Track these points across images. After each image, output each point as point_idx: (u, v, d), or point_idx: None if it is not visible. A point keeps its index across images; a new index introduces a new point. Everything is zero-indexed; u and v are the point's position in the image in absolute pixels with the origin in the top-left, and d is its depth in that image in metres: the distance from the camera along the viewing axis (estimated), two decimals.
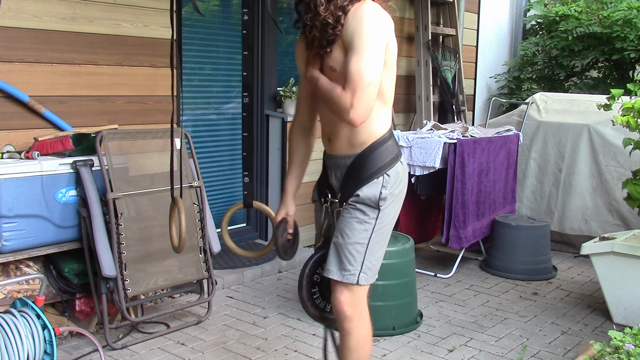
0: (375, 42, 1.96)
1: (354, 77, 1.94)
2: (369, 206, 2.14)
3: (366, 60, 1.94)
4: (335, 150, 2.23)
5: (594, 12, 6.52)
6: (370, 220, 2.14)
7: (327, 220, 2.28)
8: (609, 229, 4.75)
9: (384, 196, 2.14)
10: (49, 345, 2.59)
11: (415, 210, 4.81)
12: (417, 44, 5.66)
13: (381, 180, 2.14)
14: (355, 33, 1.96)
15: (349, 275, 2.14)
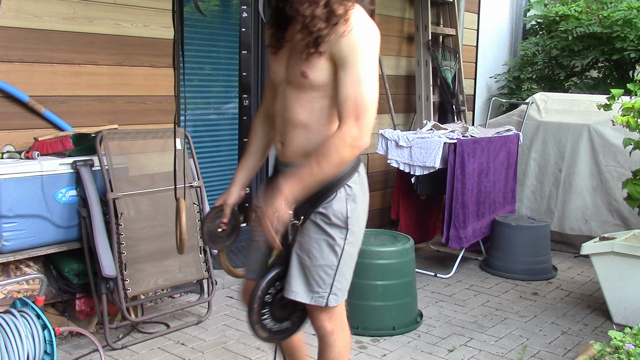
0: (373, 61, 1.88)
1: (358, 103, 1.82)
2: (337, 226, 1.99)
3: (368, 84, 1.84)
4: (288, 158, 2.03)
5: (594, 12, 6.52)
6: (339, 242, 2.00)
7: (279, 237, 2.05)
8: (609, 229, 4.74)
9: (350, 214, 1.99)
10: (49, 345, 2.59)
11: (415, 210, 4.81)
12: (417, 44, 5.65)
13: (344, 194, 1.99)
14: (354, 50, 1.83)
15: (318, 297, 2.03)
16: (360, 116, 1.82)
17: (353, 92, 1.82)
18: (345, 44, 1.83)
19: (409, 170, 4.42)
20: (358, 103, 1.82)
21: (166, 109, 3.87)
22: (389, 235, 3.71)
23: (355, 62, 1.83)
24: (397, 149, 4.44)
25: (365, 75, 1.84)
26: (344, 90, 1.83)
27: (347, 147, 1.82)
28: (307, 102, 1.93)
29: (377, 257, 3.38)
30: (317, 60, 1.86)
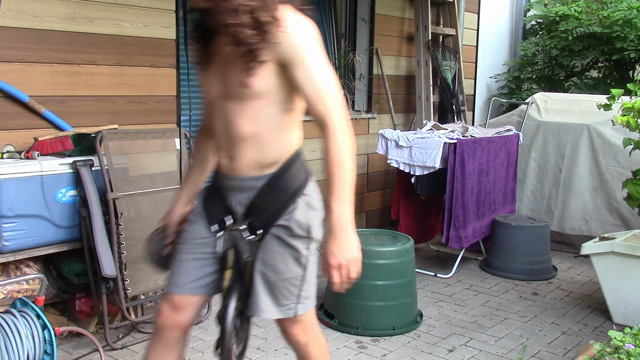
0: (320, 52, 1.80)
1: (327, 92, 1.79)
2: (301, 237, 1.92)
3: (325, 73, 1.79)
4: (239, 172, 1.90)
5: (594, 12, 6.52)
6: (304, 253, 1.94)
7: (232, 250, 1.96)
8: (609, 229, 4.75)
9: (311, 222, 1.93)
10: (49, 345, 2.59)
11: (415, 210, 4.81)
12: (417, 44, 5.66)
13: (303, 202, 1.92)
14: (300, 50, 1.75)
15: (286, 310, 1.96)
16: (335, 103, 1.80)
17: (318, 85, 1.78)
18: (289, 47, 1.75)
19: (409, 170, 4.42)
20: (327, 92, 1.79)
21: (166, 109, 3.87)
22: (389, 235, 3.71)
23: (306, 59, 1.76)
24: (397, 149, 4.44)
25: (319, 67, 1.78)
26: (307, 87, 1.78)
27: (349, 137, 1.81)
28: (252, 112, 1.82)
29: (377, 257, 3.39)
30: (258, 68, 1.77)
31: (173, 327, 2.03)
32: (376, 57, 5.46)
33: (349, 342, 3.32)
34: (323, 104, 1.79)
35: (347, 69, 5.28)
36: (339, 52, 5.32)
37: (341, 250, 1.79)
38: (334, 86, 1.81)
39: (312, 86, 1.78)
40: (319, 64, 1.79)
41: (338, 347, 3.26)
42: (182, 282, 2.00)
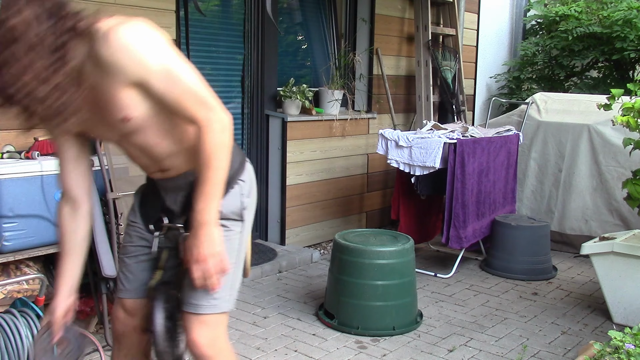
0: (164, 54, 1.64)
1: (191, 93, 1.66)
2: (233, 220, 1.89)
3: (181, 76, 1.65)
4: (172, 173, 1.86)
5: (594, 12, 6.52)
6: (236, 235, 1.91)
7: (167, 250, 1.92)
8: (609, 229, 4.74)
9: (246, 205, 1.91)
10: None
11: (415, 210, 4.81)
12: (417, 44, 5.66)
13: (238, 188, 1.89)
14: (138, 61, 1.58)
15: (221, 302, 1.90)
16: (203, 102, 1.69)
17: (177, 92, 1.65)
18: (129, 69, 1.58)
19: (409, 170, 4.42)
20: (190, 96, 1.67)
21: None
22: (389, 235, 3.71)
23: (151, 70, 1.61)
24: (397, 149, 4.44)
25: (174, 68, 1.65)
26: (169, 97, 1.65)
27: (221, 134, 1.70)
28: (157, 133, 1.75)
29: (377, 257, 3.39)
30: (120, 99, 1.63)
31: (131, 332, 2.02)
32: (376, 57, 5.46)
33: (349, 342, 3.32)
34: (190, 107, 1.68)
35: (347, 69, 5.28)
36: (339, 52, 5.32)
37: (200, 245, 1.74)
38: (195, 84, 1.69)
39: (172, 95, 1.66)
40: (170, 69, 1.64)
41: (338, 347, 3.26)
42: (130, 287, 2.00)
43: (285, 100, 4.72)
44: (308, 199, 4.99)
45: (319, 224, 5.14)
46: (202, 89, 1.70)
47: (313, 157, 4.99)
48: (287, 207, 4.79)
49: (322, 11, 5.34)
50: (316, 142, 5.01)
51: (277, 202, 4.79)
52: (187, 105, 1.68)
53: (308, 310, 3.74)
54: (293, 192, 4.84)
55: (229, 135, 1.74)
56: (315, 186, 5.04)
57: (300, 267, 4.59)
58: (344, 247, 3.46)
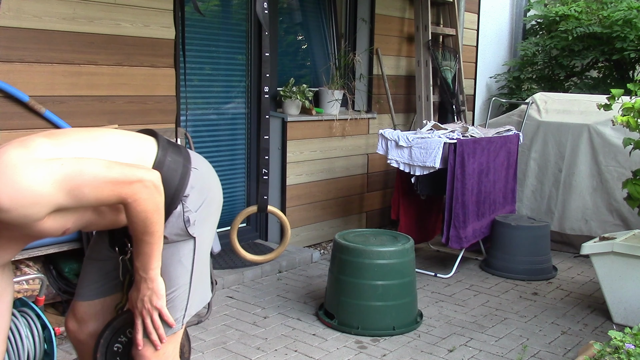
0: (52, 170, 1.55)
1: (102, 190, 1.61)
2: (181, 241, 1.84)
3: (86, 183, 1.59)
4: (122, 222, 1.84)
5: (594, 12, 6.52)
6: (188, 255, 1.85)
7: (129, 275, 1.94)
8: (609, 229, 4.74)
9: (193, 221, 1.84)
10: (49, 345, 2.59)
11: (415, 210, 4.81)
12: (417, 44, 5.66)
13: (180, 208, 1.82)
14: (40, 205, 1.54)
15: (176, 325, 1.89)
16: (119, 183, 1.62)
17: (89, 193, 1.60)
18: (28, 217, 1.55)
19: (409, 170, 4.42)
20: (103, 185, 1.60)
21: (166, 109, 3.87)
22: (389, 235, 3.71)
23: (51, 199, 1.55)
24: (397, 149, 4.44)
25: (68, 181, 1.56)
26: (86, 202, 1.63)
27: (149, 200, 1.66)
28: (95, 216, 1.74)
29: (377, 257, 3.39)
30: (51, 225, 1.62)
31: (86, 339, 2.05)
32: (376, 57, 5.46)
33: (349, 342, 3.32)
34: (111, 197, 1.64)
35: (347, 69, 5.28)
36: (339, 52, 5.32)
37: (142, 298, 1.79)
38: (100, 174, 1.60)
39: (87, 201, 1.62)
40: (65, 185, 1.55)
41: (338, 347, 3.26)
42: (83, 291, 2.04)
43: (285, 100, 4.72)
44: (308, 199, 4.99)
45: (319, 224, 5.14)
46: (111, 172, 1.62)
47: (313, 157, 4.99)
48: (287, 207, 4.79)
49: (322, 11, 5.34)
50: (316, 142, 5.01)
51: (277, 202, 4.79)
52: (107, 197, 1.63)
53: (308, 310, 3.74)
54: (293, 192, 4.84)
55: (160, 195, 1.69)
56: (315, 186, 5.04)
57: (300, 267, 4.59)
58: (344, 247, 3.46)
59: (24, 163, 1.53)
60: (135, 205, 1.65)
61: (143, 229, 1.69)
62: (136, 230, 1.70)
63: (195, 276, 1.89)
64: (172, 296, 1.85)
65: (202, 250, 1.91)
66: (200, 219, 1.88)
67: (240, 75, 4.71)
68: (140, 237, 1.71)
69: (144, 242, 1.72)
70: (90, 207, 1.70)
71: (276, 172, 4.77)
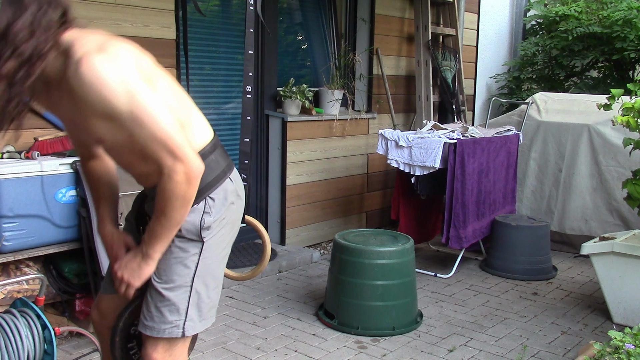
0: (134, 95, 1.56)
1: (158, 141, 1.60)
2: (189, 240, 1.79)
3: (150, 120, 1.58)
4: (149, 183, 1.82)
5: (594, 12, 6.52)
6: (193, 258, 1.80)
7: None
8: (609, 229, 4.74)
9: (208, 225, 1.79)
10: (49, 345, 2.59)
11: (415, 210, 4.81)
12: (417, 44, 5.66)
13: (202, 205, 1.78)
14: (106, 101, 1.54)
15: (172, 328, 1.80)
16: (171, 149, 1.61)
17: (145, 135, 1.60)
18: (96, 103, 1.55)
19: (409, 170, 4.42)
20: (158, 141, 1.60)
21: None
22: (389, 235, 3.71)
23: (118, 111, 1.56)
24: (397, 149, 4.44)
25: (141, 114, 1.58)
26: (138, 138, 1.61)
27: (182, 185, 1.64)
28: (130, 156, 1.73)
29: (377, 257, 3.39)
30: (91, 121, 1.61)
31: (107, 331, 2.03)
32: (376, 57, 5.46)
33: (349, 342, 3.32)
34: (155, 153, 1.63)
35: (347, 69, 5.28)
36: (339, 52, 5.32)
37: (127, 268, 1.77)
38: (164, 130, 1.61)
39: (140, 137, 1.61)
40: (136, 113, 1.58)
41: (338, 347, 3.26)
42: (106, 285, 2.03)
43: (285, 100, 4.72)
44: (308, 199, 4.99)
45: (319, 224, 5.14)
46: (172, 136, 1.61)
47: (313, 157, 4.99)
48: (287, 207, 4.79)
49: (322, 11, 5.34)
50: (316, 142, 5.01)
51: (277, 202, 4.79)
52: (153, 149, 1.62)
53: (308, 310, 3.74)
54: (293, 192, 4.84)
55: (192, 187, 1.66)
56: (315, 186, 5.04)
57: (300, 267, 4.59)
58: (344, 247, 3.46)
59: (122, 62, 1.59)
60: (166, 180, 1.64)
61: (163, 207, 1.67)
62: (157, 204, 1.69)
63: (197, 283, 1.82)
64: (169, 294, 1.80)
65: (208, 262, 1.84)
66: (215, 229, 1.82)
67: (240, 75, 4.70)
68: (158, 214, 1.69)
69: (159, 222, 1.70)
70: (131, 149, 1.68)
71: (276, 172, 4.77)
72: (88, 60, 1.53)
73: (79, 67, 1.52)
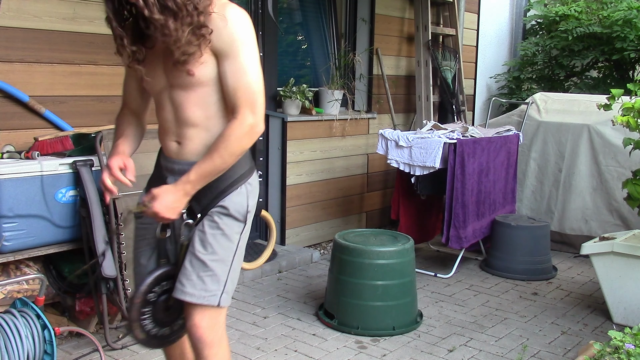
0: (254, 48, 1.88)
1: (249, 91, 1.85)
2: (236, 219, 1.97)
3: (254, 72, 1.87)
4: (186, 156, 1.97)
5: (594, 12, 6.52)
6: (236, 235, 1.98)
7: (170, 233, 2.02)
8: (609, 229, 4.74)
9: (250, 208, 2.00)
10: (49, 345, 2.59)
11: (415, 210, 4.81)
12: (417, 44, 5.66)
13: (244, 190, 1.99)
14: (234, 42, 1.83)
15: (211, 296, 1.94)
16: (253, 104, 1.86)
17: (242, 82, 1.85)
18: (225, 36, 1.83)
19: (409, 170, 4.42)
20: (249, 92, 1.86)
21: None
22: (389, 235, 3.71)
23: (238, 52, 1.84)
24: (397, 149, 4.44)
25: (250, 64, 1.86)
26: (232, 81, 1.86)
27: (247, 135, 1.87)
28: (200, 99, 1.90)
29: (377, 257, 3.39)
30: (200, 57, 1.83)
31: None
32: (376, 57, 5.46)
33: (349, 342, 3.32)
34: (240, 100, 1.86)
35: (347, 69, 5.28)
36: (339, 52, 5.32)
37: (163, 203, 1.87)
38: (257, 85, 1.87)
39: (236, 82, 1.85)
40: (250, 62, 1.86)
41: (338, 347, 3.26)
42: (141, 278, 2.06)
43: (285, 100, 4.72)
44: (308, 199, 4.99)
45: (319, 224, 5.14)
46: (260, 95, 1.87)
47: (313, 157, 4.99)
48: (287, 207, 4.79)
49: (322, 11, 5.34)
50: (316, 142, 5.01)
51: (277, 202, 4.79)
52: (239, 96, 1.85)
53: (308, 310, 3.74)
54: (293, 192, 4.84)
55: (251, 142, 1.89)
56: (315, 186, 5.04)
57: (300, 267, 4.59)
58: (344, 247, 3.47)
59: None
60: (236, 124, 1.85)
61: (222, 149, 1.85)
62: (216, 147, 1.86)
63: (235, 260, 2.00)
64: (214, 265, 1.94)
65: (243, 244, 2.02)
66: (251, 213, 2.02)
67: None
68: (213, 155, 1.86)
69: (212, 161, 1.86)
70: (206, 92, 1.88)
71: (276, 172, 4.77)
72: (232, 6, 1.85)
73: (224, 8, 1.83)
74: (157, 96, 2.00)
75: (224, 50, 1.84)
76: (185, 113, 1.92)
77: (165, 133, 2.01)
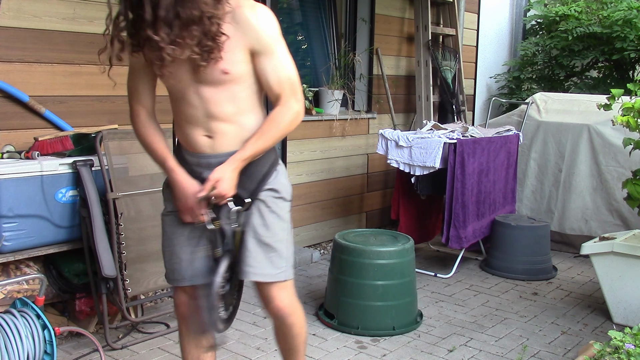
0: (285, 44, 2.03)
1: (292, 81, 2.02)
2: (286, 200, 2.15)
3: (291, 65, 2.03)
4: (222, 148, 2.03)
5: (594, 12, 6.52)
6: (287, 215, 2.17)
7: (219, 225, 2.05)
8: (609, 229, 4.75)
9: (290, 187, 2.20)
10: (49, 345, 2.59)
11: (415, 210, 4.81)
12: (417, 44, 5.66)
13: (282, 170, 2.17)
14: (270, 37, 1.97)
15: (280, 273, 2.12)
16: (296, 92, 2.03)
17: (284, 75, 2.00)
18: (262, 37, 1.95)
19: (409, 170, 4.42)
20: (292, 82, 2.02)
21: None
22: (389, 235, 3.71)
23: (275, 49, 1.99)
24: (397, 149, 4.44)
25: (287, 58, 2.03)
26: (274, 76, 1.99)
27: (294, 121, 2.04)
28: (232, 95, 1.98)
29: (377, 257, 3.39)
30: (234, 55, 1.93)
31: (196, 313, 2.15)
32: (376, 57, 5.46)
33: (349, 342, 3.32)
34: (286, 90, 2.01)
35: (347, 69, 5.28)
36: (339, 52, 5.32)
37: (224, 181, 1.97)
38: (296, 77, 2.04)
39: (277, 76, 2.00)
40: (286, 56, 2.02)
41: (338, 347, 3.26)
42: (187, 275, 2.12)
43: None
44: (308, 199, 4.99)
45: (319, 224, 5.14)
46: (299, 85, 2.06)
47: (313, 157, 4.99)
48: None
49: (322, 11, 5.34)
50: (316, 142, 5.01)
51: None
52: (284, 87, 2.00)
53: (308, 310, 3.74)
54: (293, 192, 4.83)
55: (294, 125, 2.05)
56: (315, 186, 5.04)
57: (300, 267, 4.59)
58: (344, 247, 3.47)
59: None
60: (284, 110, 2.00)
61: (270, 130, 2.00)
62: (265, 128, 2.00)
63: (290, 235, 2.18)
64: (277, 245, 2.10)
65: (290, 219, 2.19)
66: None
67: None
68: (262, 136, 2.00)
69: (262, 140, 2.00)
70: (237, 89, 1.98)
71: None
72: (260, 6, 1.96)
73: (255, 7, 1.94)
74: (180, 92, 2.06)
75: (261, 50, 1.96)
76: (216, 108, 1.99)
77: (191, 128, 2.06)
